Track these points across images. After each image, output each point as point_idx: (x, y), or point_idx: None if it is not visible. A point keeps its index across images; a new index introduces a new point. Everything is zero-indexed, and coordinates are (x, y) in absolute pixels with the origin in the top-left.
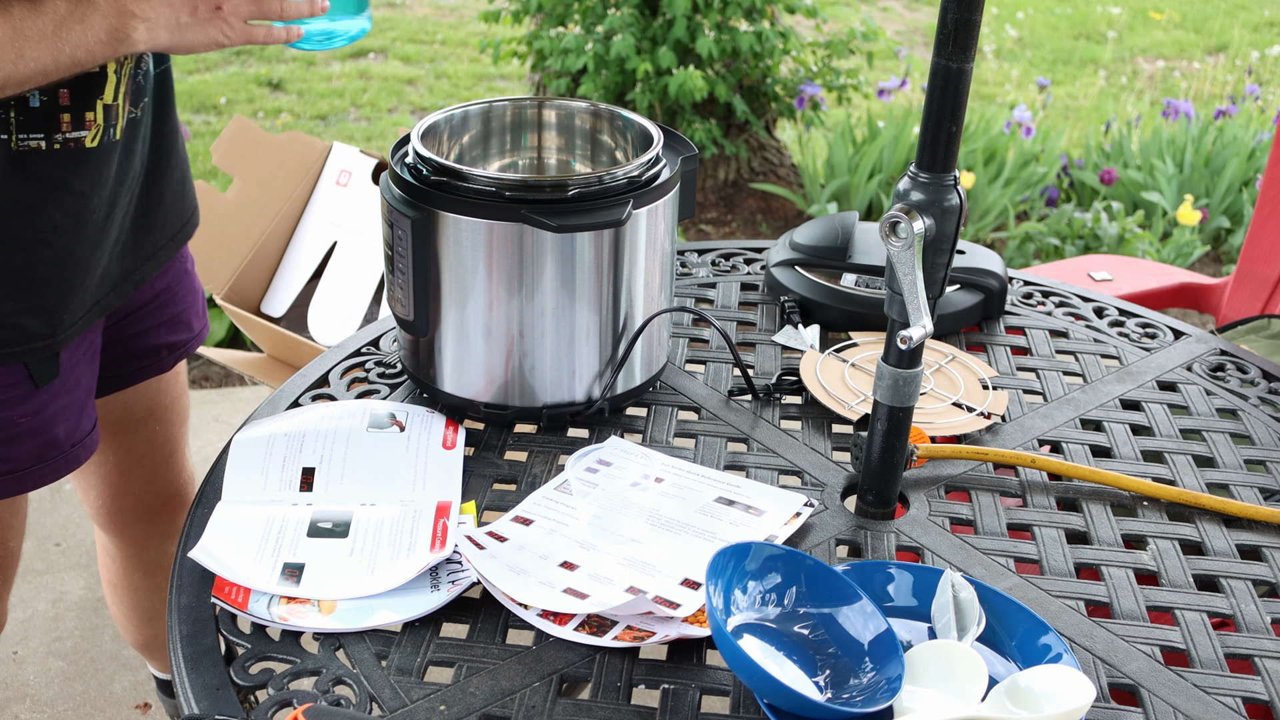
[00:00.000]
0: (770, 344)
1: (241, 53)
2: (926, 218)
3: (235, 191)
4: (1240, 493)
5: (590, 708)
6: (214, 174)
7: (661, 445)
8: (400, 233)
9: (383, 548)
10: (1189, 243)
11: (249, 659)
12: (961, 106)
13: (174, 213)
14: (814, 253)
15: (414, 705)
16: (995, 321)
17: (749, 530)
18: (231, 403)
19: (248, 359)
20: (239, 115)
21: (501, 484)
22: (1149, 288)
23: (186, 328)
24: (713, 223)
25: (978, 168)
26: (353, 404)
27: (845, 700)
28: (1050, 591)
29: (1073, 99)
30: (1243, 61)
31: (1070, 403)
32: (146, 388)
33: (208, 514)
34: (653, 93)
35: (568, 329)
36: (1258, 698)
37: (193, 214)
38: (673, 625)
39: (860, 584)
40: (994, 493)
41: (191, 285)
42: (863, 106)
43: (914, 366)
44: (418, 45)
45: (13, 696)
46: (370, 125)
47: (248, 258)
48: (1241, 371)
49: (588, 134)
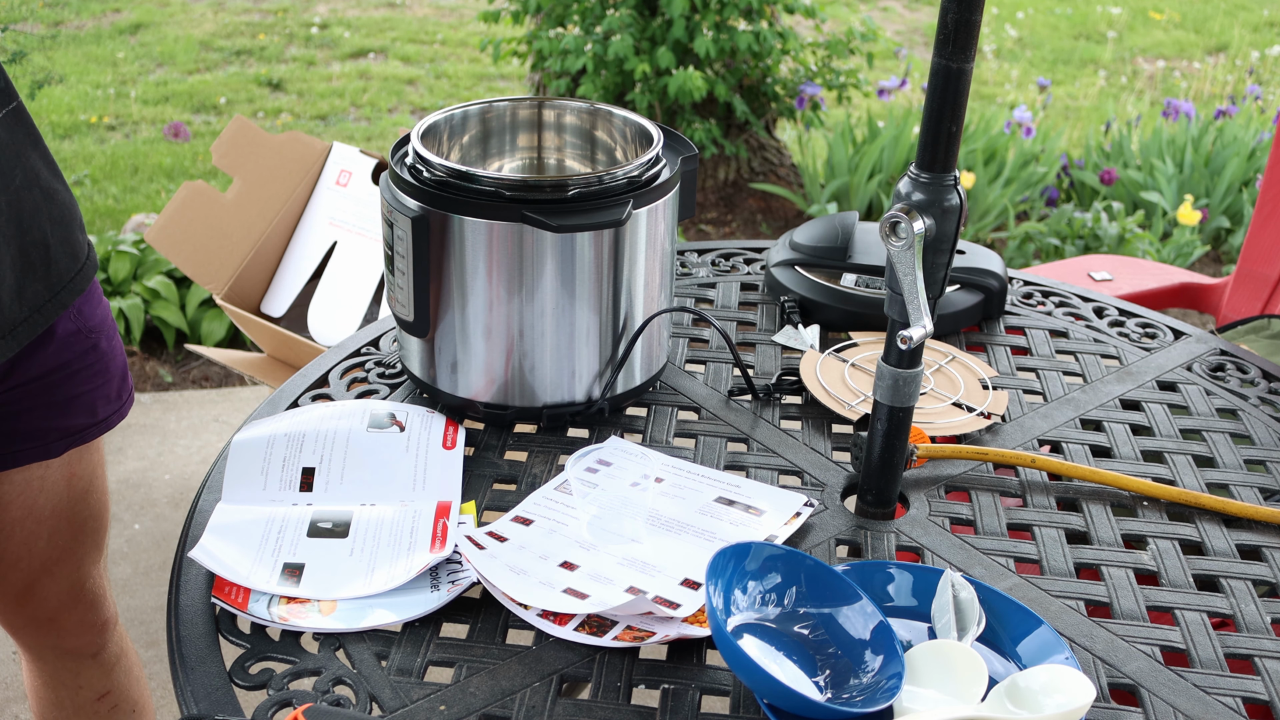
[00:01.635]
0: (770, 344)
1: (241, 52)
2: (926, 218)
3: (235, 191)
4: (1240, 493)
5: (590, 708)
6: (214, 174)
7: (661, 445)
8: (400, 233)
9: (383, 548)
10: (1189, 243)
11: (249, 659)
12: (961, 106)
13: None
14: (814, 253)
15: (414, 705)
16: (995, 321)
17: (749, 530)
18: (231, 403)
19: (248, 359)
20: (239, 115)
21: (501, 484)
22: (1149, 288)
23: (88, 413)
24: (713, 223)
25: (978, 168)
26: (352, 404)
27: (845, 700)
28: (1050, 591)
29: (1073, 99)
30: (1243, 61)
31: (1070, 403)
32: (23, 477)
33: (208, 514)
34: (652, 93)
35: (568, 329)
36: (1258, 698)
37: (86, 261)
38: (673, 625)
39: (860, 584)
40: (994, 493)
41: (102, 366)
42: (863, 106)
43: (914, 366)
44: (418, 45)
45: (13, 696)
46: (370, 125)
47: (248, 258)
48: (1241, 371)
49: (588, 134)
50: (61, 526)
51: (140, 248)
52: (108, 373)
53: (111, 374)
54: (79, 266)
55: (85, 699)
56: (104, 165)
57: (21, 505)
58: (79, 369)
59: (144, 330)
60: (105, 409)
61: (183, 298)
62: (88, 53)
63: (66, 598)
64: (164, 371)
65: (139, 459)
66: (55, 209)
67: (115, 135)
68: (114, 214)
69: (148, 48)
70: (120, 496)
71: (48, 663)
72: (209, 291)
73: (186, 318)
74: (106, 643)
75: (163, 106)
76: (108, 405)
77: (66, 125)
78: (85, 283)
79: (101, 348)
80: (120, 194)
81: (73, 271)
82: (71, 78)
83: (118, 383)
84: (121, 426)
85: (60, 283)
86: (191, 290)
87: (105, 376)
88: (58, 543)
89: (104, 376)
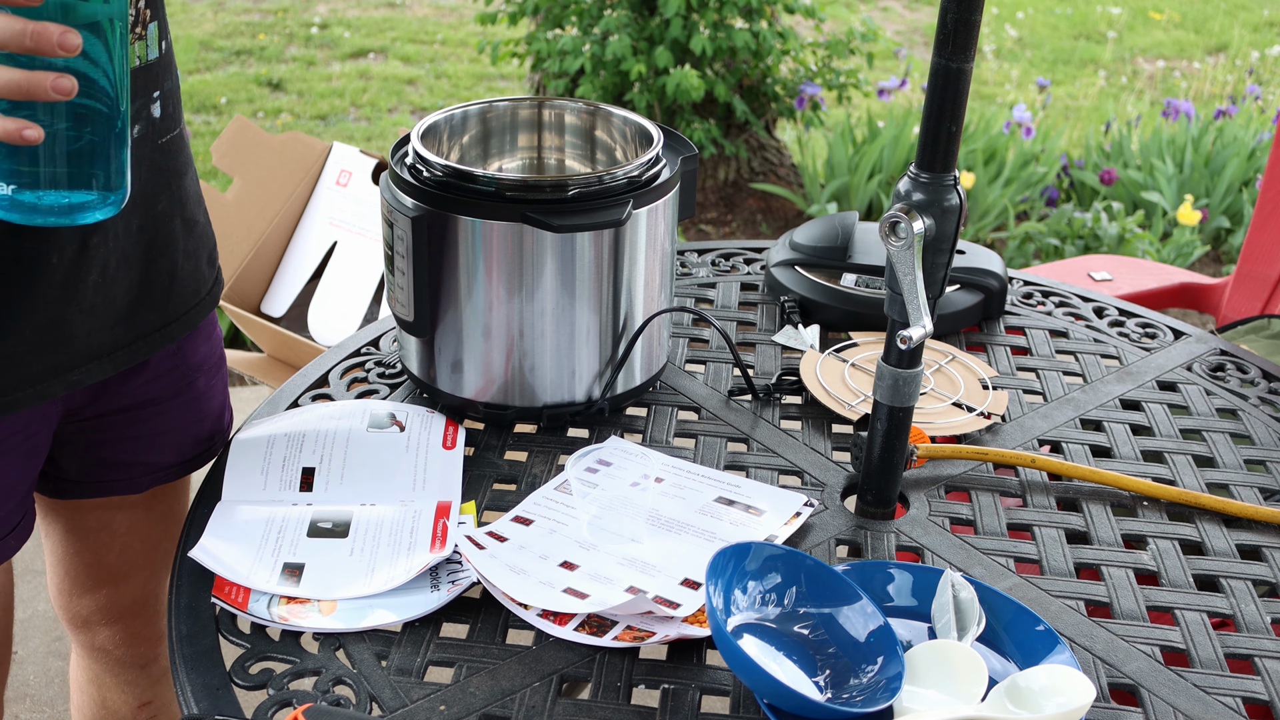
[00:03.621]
0: (770, 344)
1: (241, 52)
2: (926, 218)
3: (235, 191)
4: (1240, 493)
5: (590, 708)
6: (214, 174)
7: (661, 445)
8: (400, 233)
9: (383, 548)
10: (1189, 243)
11: (249, 659)
12: (961, 106)
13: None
14: (814, 253)
15: (414, 705)
16: (995, 321)
17: (749, 530)
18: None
19: (248, 359)
20: (239, 115)
21: (501, 484)
22: (1149, 288)
23: (175, 451)
24: (713, 223)
25: (978, 168)
26: (352, 404)
27: (845, 700)
28: (1050, 591)
29: (1073, 99)
30: (1243, 61)
31: (1070, 403)
32: (108, 507)
33: (208, 514)
34: (650, 93)
35: (568, 329)
36: (1258, 698)
37: (206, 296)
38: (673, 625)
39: (860, 584)
40: (994, 493)
41: (196, 406)
42: (863, 106)
43: (914, 366)
44: (418, 45)
45: (13, 696)
46: (370, 125)
47: (248, 258)
48: (1241, 371)
49: (587, 134)
50: (155, 541)
51: None
52: (200, 412)
53: (205, 414)
54: (197, 300)
55: (127, 705)
56: None
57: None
58: (170, 405)
59: None
60: (194, 448)
61: None
62: None
63: (137, 605)
64: None
65: None
66: (191, 241)
67: None
68: None
69: None
70: None
71: (99, 663)
72: None
73: None
74: (158, 655)
75: None
76: (196, 445)
77: None
78: (199, 318)
79: (198, 387)
80: None
81: (189, 305)
82: None
83: (211, 424)
84: None
85: (174, 314)
86: None
87: (198, 415)
88: (154, 558)
89: (196, 415)
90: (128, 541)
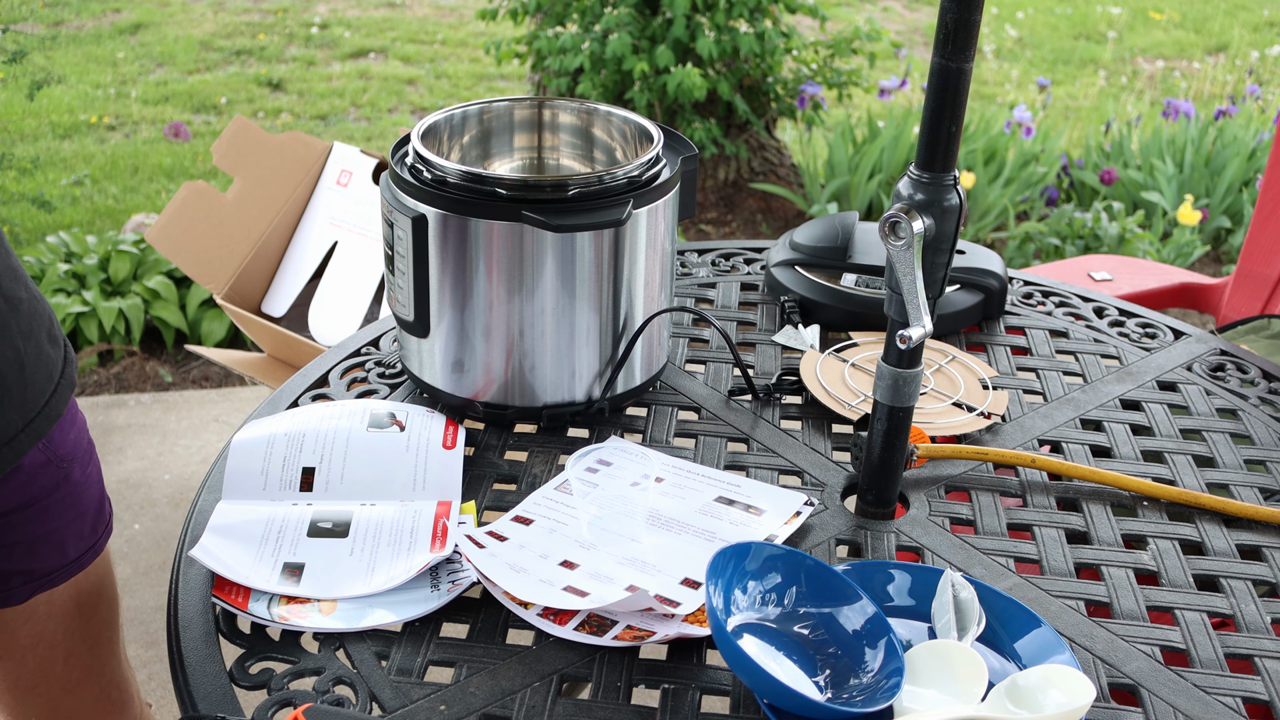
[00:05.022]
0: (770, 344)
1: (241, 52)
2: (926, 218)
3: (235, 191)
4: (1240, 493)
5: (590, 708)
6: (214, 174)
7: (661, 445)
8: (400, 233)
9: (383, 547)
10: (1189, 243)
11: (249, 659)
12: (961, 106)
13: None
14: (814, 253)
15: (414, 705)
16: (995, 321)
17: (749, 530)
18: (231, 403)
19: (248, 359)
20: (239, 115)
21: (501, 484)
22: (1149, 288)
23: (57, 553)
24: (713, 223)
25: (978, 168)
26: (352, 404)
27: (845, 700)
28: (1050, 591)
29: (1073, 99)
30: (1243, 61)
31: (1070, 403)
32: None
33: (208, 514)
34: (651, 92)
35: (568, 329)
36: (1258, 698)
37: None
38: (673, 625)
39: (860, 584)
40: (994, 493)
41: (74, 499)
42: (863, 106)
43: (914, 366)
44: (418, 45)
45: None
46: (370, 125)
47: (248, 258)
48: (1241, 371)
49: (588, 134)
50: (78, 647)
51: (140, 248)
52: (79, 506)
53: (84, 507)
54: (53, 386)
55: None
56: (104, 165)
57: (29, 634)
58: (47, 504)
59: (144, 330)
60: (77, 547)
61: (183, 298)
62: (88, 53)
63: (93, 705)
64: (164, 371)
65: (139, 459)
66: (20, 320)
67: (115, 135)
68: (114, 214)
69: (148, 48)
70: (120, 496)
71: None
72: (209, 291)
73: (187, 318)
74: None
75: (163, 106)
76: (80, 543)
77: (66, 125)
78: (62, 405)
79: (74, 478)
80: (120, 194)
81: (47, 393)
82: (71, 78)
83: (92, 516)
84: (122, 426)
85: (34, 408)
86: (191, 290)
87: (77, 510)
88: (76, 663)
89: (75, 510)
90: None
